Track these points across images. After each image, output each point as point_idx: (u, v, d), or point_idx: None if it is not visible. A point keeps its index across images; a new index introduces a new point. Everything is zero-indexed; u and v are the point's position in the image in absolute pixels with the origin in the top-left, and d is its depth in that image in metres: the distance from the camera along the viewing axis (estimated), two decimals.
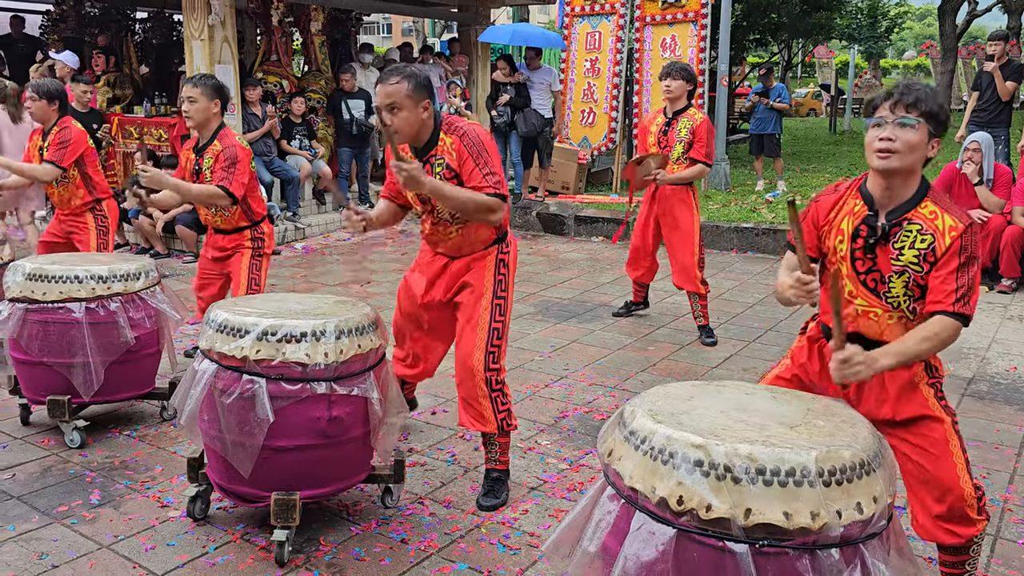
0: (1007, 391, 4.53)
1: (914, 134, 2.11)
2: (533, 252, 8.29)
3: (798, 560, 1.73)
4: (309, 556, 2.90)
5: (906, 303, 2.20)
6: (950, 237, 2.12)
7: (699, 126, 5.16)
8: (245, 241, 4.31)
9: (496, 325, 3.13)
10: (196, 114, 4.07)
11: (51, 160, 4.68)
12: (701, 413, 1.96)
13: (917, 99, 2.11)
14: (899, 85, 2.15)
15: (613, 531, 1.88)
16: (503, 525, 3.11)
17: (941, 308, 2.10)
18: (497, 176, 2.95)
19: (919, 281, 2.17)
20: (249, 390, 2.77)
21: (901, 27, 29.20)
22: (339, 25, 11.04)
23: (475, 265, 3.18)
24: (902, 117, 2.11)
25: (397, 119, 2.88)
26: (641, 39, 10.46)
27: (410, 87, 2.87)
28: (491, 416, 3.14)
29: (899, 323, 2.23)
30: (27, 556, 2.88)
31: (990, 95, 8.16)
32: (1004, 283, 6.58)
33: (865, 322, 2.26)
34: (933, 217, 2.15)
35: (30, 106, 4.77)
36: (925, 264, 2.15)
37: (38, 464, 3.61)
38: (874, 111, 2.16)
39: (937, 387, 2.31)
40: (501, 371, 3.16)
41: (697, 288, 5.27)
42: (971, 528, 2.28)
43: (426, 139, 3.00)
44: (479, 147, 2.94)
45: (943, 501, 2.26)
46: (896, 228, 2.17)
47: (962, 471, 2.25)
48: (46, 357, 3.70)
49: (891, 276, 2.19)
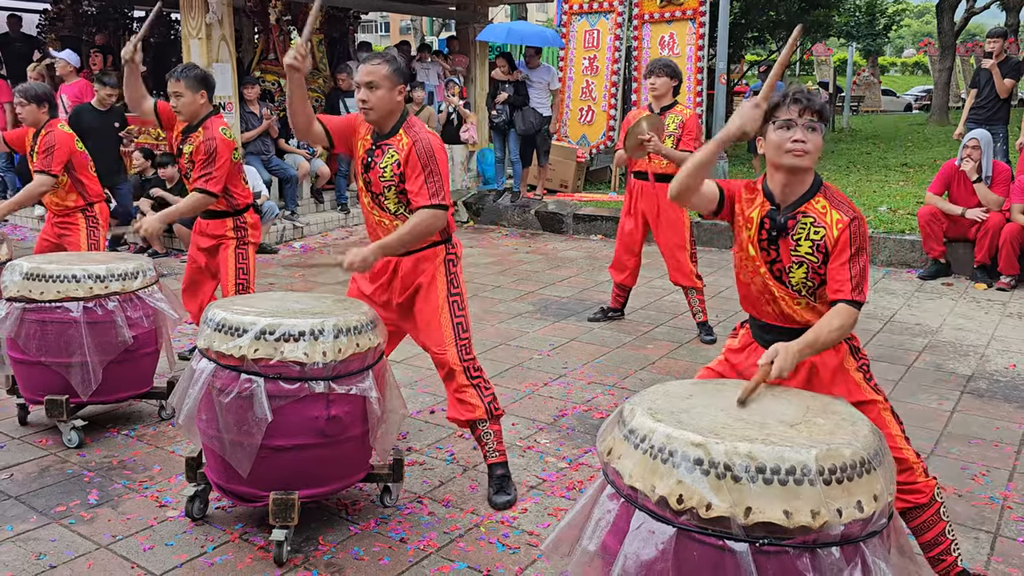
0: (1006, 388, 4.53)
1: (818, 136, 2.33)
2: (532, 251, 8.29)
3: (798, 559, 1.73)
4: (308, 555, 2.89)
5: (806, 290, 2.39)
6: (837, 229, 2.31)
7: (689, 120, 5.14)
8: (228, 231, 4.29)
9: (458, 320, 3.24)
10: (184, 108, 4.06)
11: (40, 169, 4.66)
12: (701, 411, 1.96)
13: (821, 106, 2.32)
14: (802, 91, 2.33)
15: (613, 530, 1.88)
16: (502, 524, 3.10)
17: (841, 296, 2.28)
18: (437, 187, 3.08)
19: (816, 270, 2.35)
20: (247, 389, 2.77)
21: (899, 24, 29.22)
22: (337, 23, 11.02)
23: (424, 267, 3.24)
24: (811, 121, 2.30)
25: (373, 96, 3.07)
26: (639, 37, 10.45)
27: (390, 69, 3.08)
28: (478, 402, 3.22)
29: (807, 307, 2.41)
30: (25, 556, 2.87)
31: (988, 92, 8.16)
32: (1003, 280, 6.58)
33: (777, 305, 2.44)
34: (823, 212, 2.35)
35: (20, 111, 4.77)
36: (819, 255, 2.34)
37: (36, 464, 3.60)
38: (778, 113, 2.32)
39: (864, 369, 2.48)
40: (475, 360, 3.27)
41: (693, 282, 5.27)
42: (925, 484, 2.45)
43: (389, 127, 3.17)
44: (429, 157, 3.08)
45: (899, 473, 2.37)
46: (792, 221, 2.37)
47: (903, 443, 2.45)
48: (44, 357, 3.69)
49: (791, 266, 2.38)
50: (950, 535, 2.51)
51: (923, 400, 4.35)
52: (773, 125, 2.32)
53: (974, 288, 6.64)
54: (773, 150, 2.34)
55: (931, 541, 2.50)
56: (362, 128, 3.25)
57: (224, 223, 4.29)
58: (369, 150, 3.20)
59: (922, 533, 2.50)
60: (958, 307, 6.12)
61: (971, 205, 6.74)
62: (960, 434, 3.93)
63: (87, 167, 4.87)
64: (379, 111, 3.10)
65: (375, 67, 3.07)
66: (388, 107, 3.11)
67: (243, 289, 4.30)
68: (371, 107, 3.08)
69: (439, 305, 3.22)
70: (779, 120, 2.31)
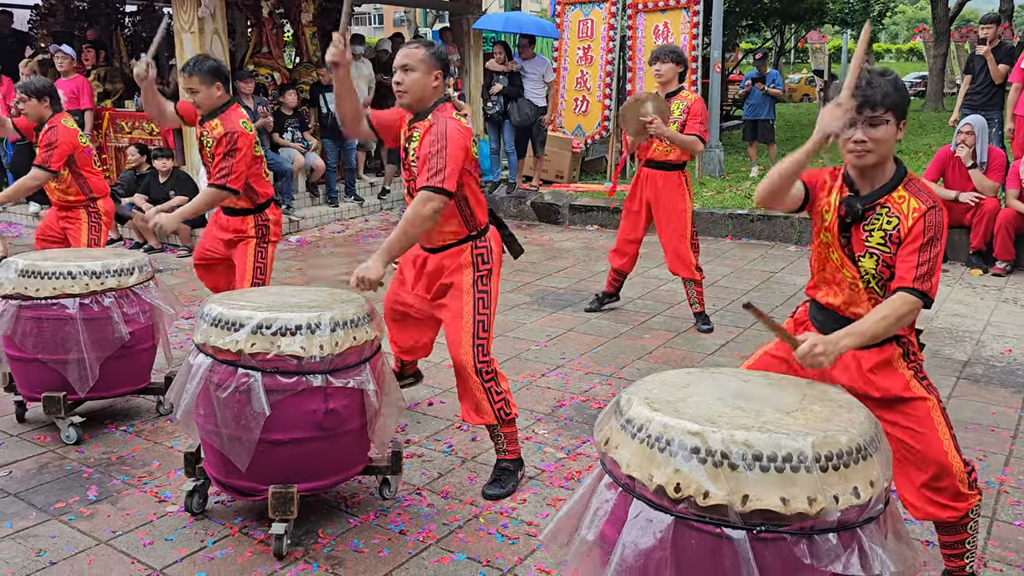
0: (1002, 374, 4.55)
1: (883, 129, 2.22)
2: (528, 241, 8.28)
3: (796, 545, 1.74)
4: (308, 549, 2.90)
5: (877, 282, 2.30)
6: (912, 218, 2.23)
7: (693, 104, 5.11)
8: (249, 229, 4.16)
9: (480, 318, 3.19)
10: (203, 102, 3.98)
11: (39, 164, 4.65)
12: (697, 400, 1.97)
13: (884, 95, 2.19)
14: (863, 82, 2.20)
15: (611, 519, 1.88)
16: (501, 515, 3.11)
17: (903, 284, 2.18)
18: (439, 168, 2.96)
19: (888, 262, 2.27)
20: (245, 384, 2.77)
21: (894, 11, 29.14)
22: (330, 16, 10.95)
23: (452, 263, 3.25)
24: (870, 116, 2.20)
25: (408, 79, 3.09)
26: (634, 26, 10.42)
27: (427, 53, 3.11)
28: (488, 408, 3.19)
29: (869, 301, 2.32)
30: (25, 553, 2.87)
31: (983, 78, 8.15)
32: (998, 266, 6.59)
33: (847, 291, 2.35)
34: (901, 201, 2.26)
35: (23, 107, 4.76)
36: (891, 245, 2.25)
37: (35, 461, 3.60)
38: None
39: (917, 368, 2.38)
40: (492, 362, 3.22)
41: (692, 274, 5.27)
42: (964, 502, 2.34)
43: (422, 110, 3.15)
44: (440, 136, 3.02)
45: (938, 479, 2.31)
46: (870, 212, 2.29)
47: (950, 447, 2.31)
48: (40, 354, 3.69)
49: (862, 256, 2.30)
50: (969, 545, 2.44)
51: None
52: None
53: (970, 274, 6.65)
54: (840, 148, 2.28)
55: (948, 543, 2.45)
56: (404, 119, 3.25)
57: (245, 220, 4.15)
58: (408, 137, 3.20)
59: (943, 533, 2.44)
60: (954, 293, 6.13)
61: (967, 191, 6.75)
62: (956, 419, 3.93)
63: (91, 162, 4.87)
64: (413, 94, 3.10)
65: (412, 50, 3.11)
66: (422, 91, 3.11)
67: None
68: (405, 89, 3.10)
69: (462, 302, 3.21)
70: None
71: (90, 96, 8.74)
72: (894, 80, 2.23)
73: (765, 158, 10.97)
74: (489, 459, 3.53)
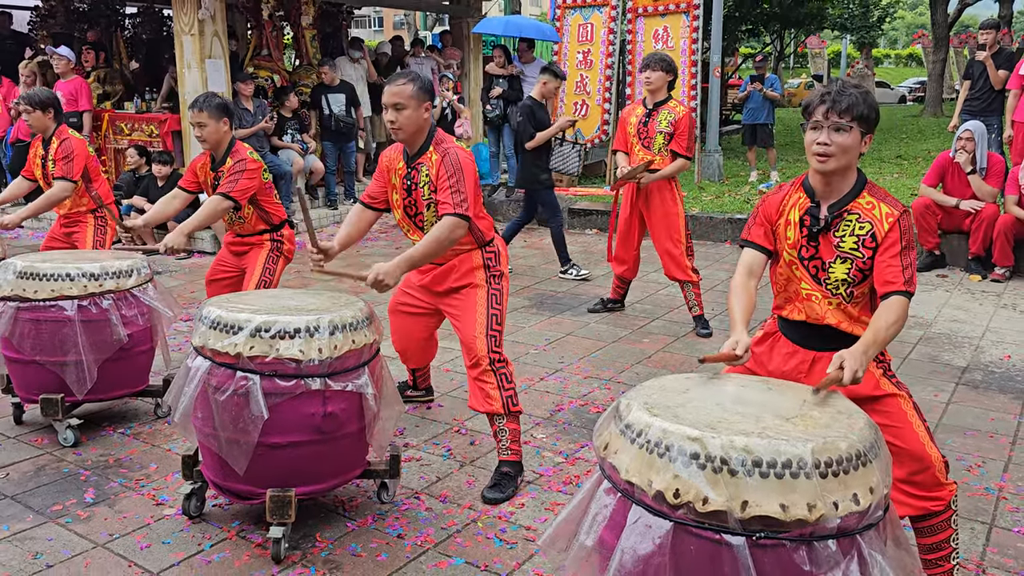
0: (1001, 380, 4.54)
1: (848, 137, 2.26)
2: (527, 245, 8.28)
3: (795, 552, 1.73)
4: (305, 552, 2.89)
5: (845, 288, 2.37)
6: (888, 223, 2.30)
7: (681, 118, 5.15)
8: (264, 242, 4.31)
9: (494, 312, 3.35)
10: (209, 137, 4.09)
11: (62, 176, 4.72)
12: (697, 406, 1.96)
13: (850, 104, 2.25)
14: (832, 91, 2.29)
15: (610, 524, 1.88)
16: (499, 519, 3.11)
17: (896, 288, 2.25)
18: (463, 196, 3.14)
19: (861, 266, 2.33)
20: (243, 387, 2.76)
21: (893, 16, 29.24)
22: (330, 19, 10.98)
23: (463, 266, 3.38)
24: (836, 122, 2.26)
25: (401, 117, 3.16)
26: (633, 31, 10.43)
27: (415, 88, 3.17)
28: (496, 395, 3.28)
29: (837, 308, 2.39)
30: (22, 556, 2.87)
31: (982, 84, 8.16)
32: (997, 272, 6.59)
33: (808, 304, 2.43)
34: (870, 207, 2.33)
35: (27, 119, 4.81)
36: (866, 250, 2.32)
37: (32, 463, 3.59)
38: (810, 114, 2.31)
39: (885, 367, 2.46)
40: (502, 354, 3.34)
41: (688, 276, 5.27)
42: (944, 490, 2.39)
43: (419, 145, 3.27)
44: (456, 169, 3.16)
45: (918, 472, 2.36)
46: (836, 219, 2.35)
47: (926, 439, 2.37)
48: (38, 355, 3.68)
49: (832, 262, 2.36)
50: (953, 543, 2.46)
51: (918, 392, 4.35)
52: (806, 125, 2.31)
53: (968, 280, 6.65)
54: (806, 152, 2.33)
55: (933, 545, 2.45)
56: (393, 162, 3.35)
57: (261, 237, 4.30)
58: (406, 175, 3.29)
59: (925, 536, 2.46)
60: (953, 299, 6.13)
61: (965, 197, 6.74)
62: (955, 425, 3.95)
63: (99, 170, 4.97)
64: (407, 130, 3.20)
65: (400, 87, 3.16)
66: (416, 125, 3.20)
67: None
68: (399, 127, 3.18)
69: (476, 297, 3.35)
70: (810, 120, 2.29)
71: (88, 97, 8.73)
72: (865, 95, 2.31)
73: (764, 163, 10.98)
74: (487, 463, 3.52)
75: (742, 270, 2.46)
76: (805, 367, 2.45)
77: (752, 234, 2.48)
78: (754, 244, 2.47)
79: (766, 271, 2.52)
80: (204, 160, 4.23)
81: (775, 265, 2.51)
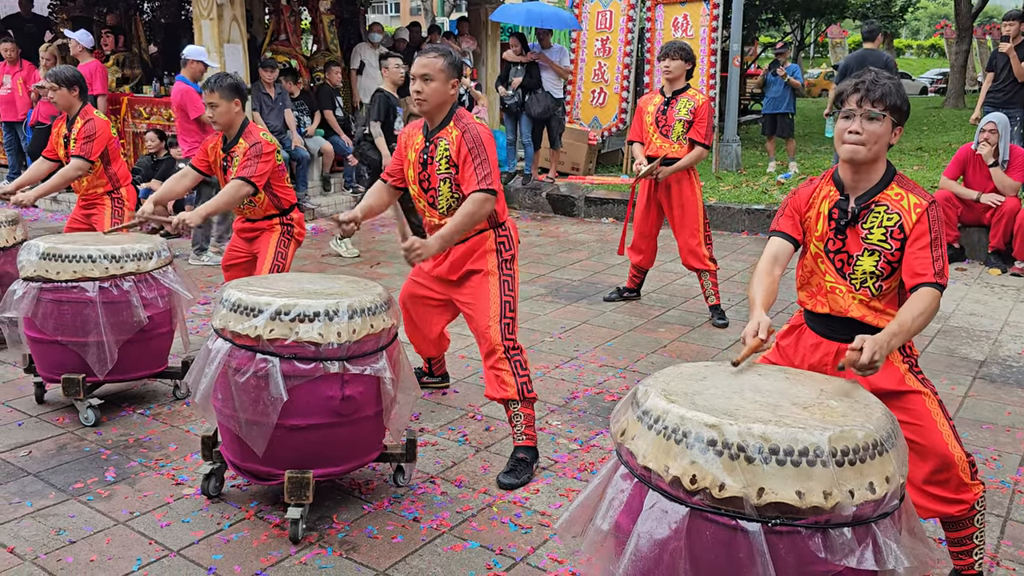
0: (1019, 374, 4.52)
1: (880, 126, 2.27)
2: (543, 233, 8.28)
3: (810, 539, 1.74)
4: (322, 533, 2.92)
5: (872, 280, 2.35)
6: (916, 214, 2.28)
7: (700, 106, 5.14)
8: (274, 225, 4.31)
9: (507, 299, 3.37)
10: (220, 117, 4.09)
11: (79, 155, 4.73)
12: (714, 393, 1.97)
13: (883, 94, 2.27)
14: (865, 80, 2.28)
15: (626, 509, 1.89)
16: (514, 504, 3.13)
17: (926, 280, 2.23)
18: (487, 171, 3.20)
19: (889, 258, 2.32)
20: (263, 369, 2.79)
21: (915, 6, 28.85)
22: (348, 4, 10.99)
23: (476, 252, 3.39)
24: (868, 111, 2.26)
25: (427, 88, 3.21)
26: (653, 18, 10.38)
27: (445, 63, 3.23)
28: (511, 381, 3.31)
29: (860, 303, 2.38)
30: (45, 532, 2.92)
31: (1005, 76, 8.06)
32: (1017, 266, 6.54)
33: (832, 297, 2.42)
34: (899, 198, 2.31)
35: (52, 96, 4.83)
36: (894, 242, 2.30)
37: (53, 442, 3.65)
38: (842, 102, 2.31)
39: (912, 364, 2.43)
40: (516, 341, 3.37)
41: (706, 265, 5.27)
42: (969, 492, 2.36)
43: (440, 120, 3.30)
44: (478, 145, 3.21)
45: (940, 471, 2.33)
46: (865, 211, 2.34)
47: (950, 438, 2.34)
48: (60, 336, 3.73)
49: (859, 255, 2.35)
50: (977, 539, 2.44)
51: (935, 384, 4.33)
52: (838, 113, 2.29)
53: (988, 273, 6.60)
54: (835, 140, 2.32)
55: (956, 539, 2.45)
56: (411, 138, 3.39)
57: (271, 221, 4.30)
58: (423, 149, 3.32)
59: (951, 529, 2.45)
60: (971, 292, 6.09)
61: (987, 190, 6.69)
62: (972, 419, 3.93)
63: (119, 152, 5.00)
64: (432, 102, 3.24)
65: (431, 60, 3.21)
66: (441, 99, 3.24)
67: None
68: (425, 98, 3.22)
69: (488, 284, 3.37)
70: (842, 109, 2.28)
71: (103, 81, 8.74)
72: (897, 85, 2.30)
73: (783, 153, 10.91)
74: (503, 449, 3.54)
75: (767, 256, 2.44)
76: (830, 359, 2.44)
77: (781, 224, 2.46)
78: (782, 233, 2.45)
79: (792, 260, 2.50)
80: (216, 140, 4.24)
81: (801, 258, 2.50)
